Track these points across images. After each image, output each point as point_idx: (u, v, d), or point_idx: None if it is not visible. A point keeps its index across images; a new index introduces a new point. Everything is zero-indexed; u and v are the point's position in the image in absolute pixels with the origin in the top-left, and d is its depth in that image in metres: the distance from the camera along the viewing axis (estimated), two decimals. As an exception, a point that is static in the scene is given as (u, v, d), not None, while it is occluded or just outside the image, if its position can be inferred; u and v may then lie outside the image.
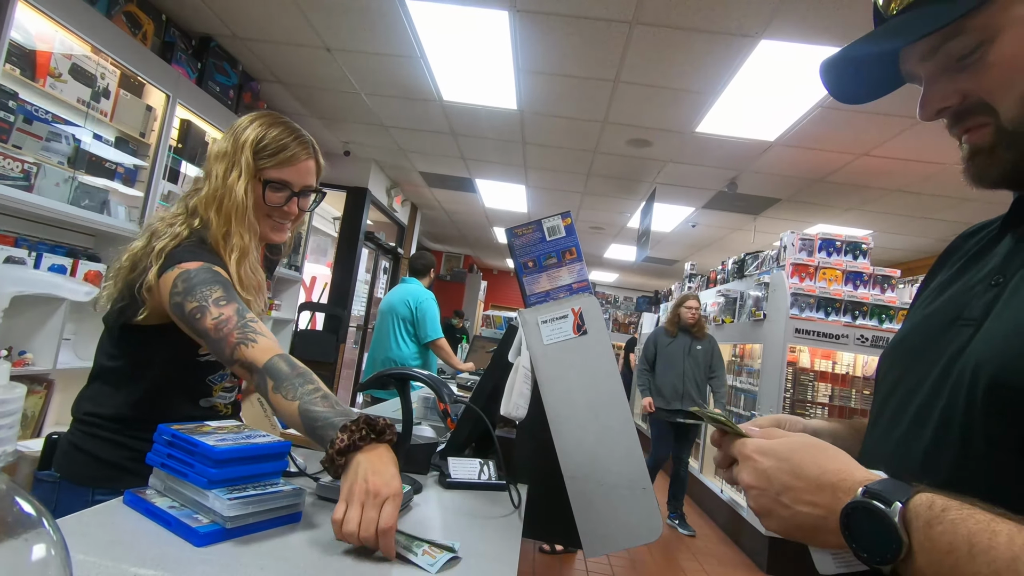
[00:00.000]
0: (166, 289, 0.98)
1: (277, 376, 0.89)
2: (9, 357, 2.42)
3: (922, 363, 0.53)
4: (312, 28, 3.17)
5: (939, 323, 0.54)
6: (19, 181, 2.28)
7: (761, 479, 0.51)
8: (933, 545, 0.40)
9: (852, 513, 0.44)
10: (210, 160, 1.12)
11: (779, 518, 0.50)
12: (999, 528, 0.38)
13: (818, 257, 3.96)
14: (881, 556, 0.42)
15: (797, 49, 2.73)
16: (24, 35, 2.27)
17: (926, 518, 0.41)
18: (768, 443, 0.52)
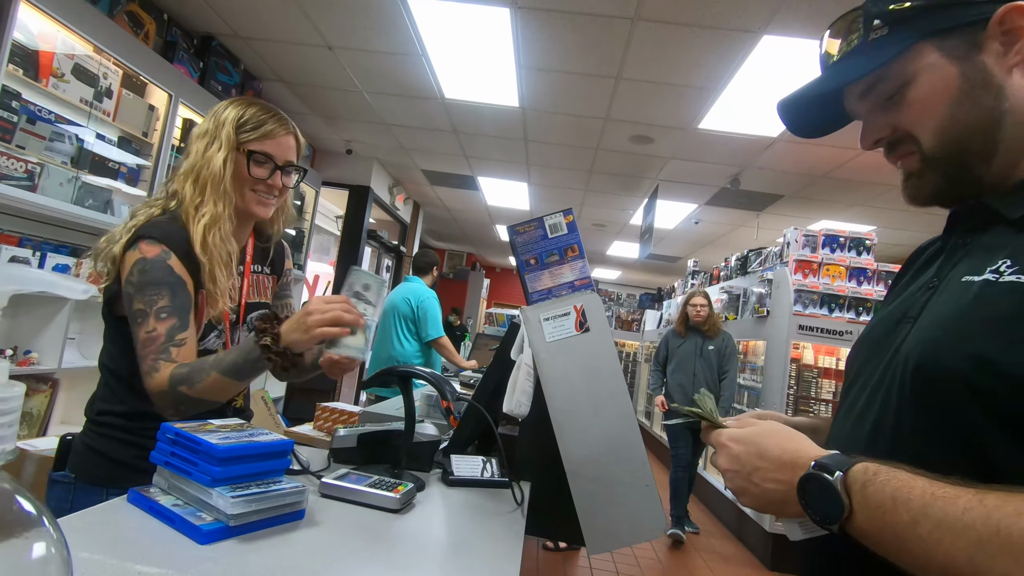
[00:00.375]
0: (124, 271, 1.03)
1: (184, 380, 0.98)
2: (15, 356, 2.43)
3: (876, 356, 0.61)
4: (313, 26, 3.17)
5: (891, 321, 0.62)
6: (23, 181, 2.29)
7: (734, 463, 0.60)
8: (867, 503, 0.48)
9: (805, 483, 0.52)
10: (191, 141, 1.16)
11: (752, 495, 0.58)
12: (915, 484, 0.47)
13: (822, 253, 3.94)
14: (829, 517, 0.50)
15: (800, 44, 2.72)
16: (27, 35, 2.28)
17: (862, 482, 0.49)
18: (739, 431, 0.62)
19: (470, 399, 1.31)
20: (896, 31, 0.58)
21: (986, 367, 0.48)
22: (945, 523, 0.44)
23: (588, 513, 1.10)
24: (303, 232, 4.90)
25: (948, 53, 0.57)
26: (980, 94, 0.56)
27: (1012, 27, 0.55)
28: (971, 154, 0.57)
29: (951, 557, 0.43)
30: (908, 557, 0.47)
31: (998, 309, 0.50)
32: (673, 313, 7.24)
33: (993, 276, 0.52)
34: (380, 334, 3.72)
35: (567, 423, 1.13)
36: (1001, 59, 0.56)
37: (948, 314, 0.54)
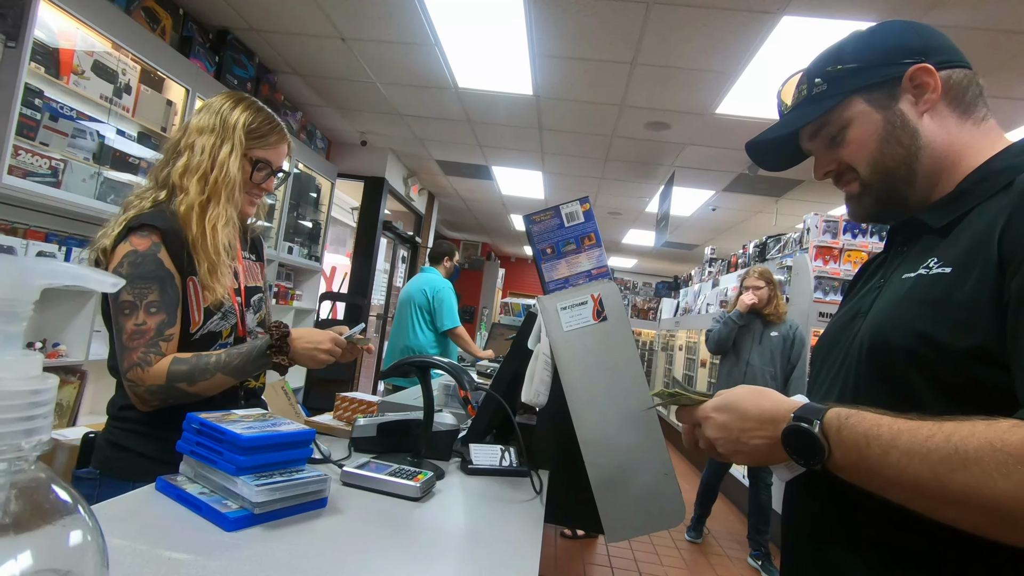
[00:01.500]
0: (113, 262, 1.05)
1: (184, 378, 1.04)
2: (44, 349, 2.50)
3: (837, 346, 0.75)
4: (327, 18, 3.17)
5: (847, 319, 0.76)
6: (47, 178, 2.33)
7: (721, 431, 0.69)
8: (843, 443, 0.58)
9: (789, 435, 0.62)
10: (191, 133, 1.16)
11: (743, 453, 0.68)
12: (882, 421, 0.56)
13: (843, 239, 3.87)
14: (812, 459, 0.60)
15: (820, 24, 2.65)
16: (47, 33, 2.31)
17: (836, 426, 0.59)
18: (717, 401, 0.71)
19: (488, 388, 1.31)
20: (833, 87, 0.74)
21: (921, 339, 0.60)
22: (912, 450, 0.53)
23: (606, 501, 1.10)
24: (319, 224, 4.94)
25: (873, 103, 0.72)
26: (900, 134, 0.71)
27: (920, 82, 0.70)
28: (897, 180, 0.72)
29: (919, 476, 0.52)
30: (881, 482, 0.56)
31: (930, 294, 0.62)
32: (691, 301, 7.18)
33: (925, 270, 0.65)
34: (396, 324, 3.74)
35: (585, 412, 1.13)
36: (914, 107, 0.71)
37: (891, 303, 0.68)
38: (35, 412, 0.26)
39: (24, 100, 2.18)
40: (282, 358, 1.10)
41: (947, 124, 0.71)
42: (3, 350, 0.27)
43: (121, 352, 1.04)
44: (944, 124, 0.71)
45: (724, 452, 0.69)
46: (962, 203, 0.67)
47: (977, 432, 0.51)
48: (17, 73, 2.12)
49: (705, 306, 6.31)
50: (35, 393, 0.27)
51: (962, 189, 0.69)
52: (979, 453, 0.49)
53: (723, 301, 5.47)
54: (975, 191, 0.67)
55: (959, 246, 0.63)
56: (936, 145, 0.70)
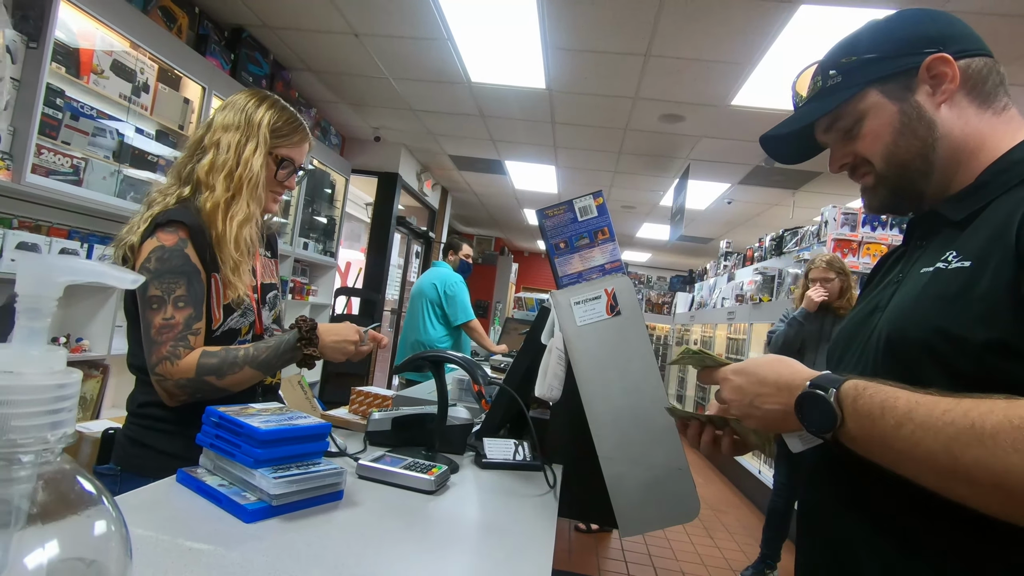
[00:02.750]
0: (140, 257, 1.06)
1: (213, 371, 1.04)
2: (67, 344, 2.56)
3: (855, 341, 0.75)
4: (340, 14, 3.18)
5: (865, 314, 0.76)
6: (69, 176, 2.38)
7: (737, 392, 0.70)
8: (857, 412, 0.57)
9: (803, 401, 0.62)
10: (215, 131, 1.17)
11: (756, 417, 0.68)
12: (900, 395, 0.56)
13: (862, 232, 3.81)
14: (824, 427, 0.59)
15: (839, 13, 2.60)
16: (68, 34, 2.35)
17: (852, 396, 0.58)
18: (738, 364, 0.73)
19: (501, 383, 1.32)
20: (847, 79, 0.73)
21: (940, 333, 0.60)
22: (927, 423, 0.52)
23: (620, 496, 1.10)
24: (334, 220, 4.98)
25: (888, 95, 0.71)
26: (916, 126, 0.70)
27: (937, 72, 0.69)
28: (914, 172, 0.71)
29: (931, 450, 0.52)
30: (892, 454, 0.56)
31: (948, 288, 0.61)
32: (706, 295, 7.12)
33: (943, 264, 0.64)
34: (410, 319, 3.76)
35: (599, 406, 1.13)
36: (930, 98, 0.70)
37: (909, 298, 0.67)
38: (60, 406, 0.27)
39: (46, 100, 2.22)
40: (312, 350, 1.12)
41: (966, 115, 0.69)
42: (28, 345, 0.27)
43: (149, 347, 1.05)
44: (963, 115, 0.69)
45: (737, 414, 0.71)
46: (981, 195, 0.66)
47: (996, 409, 0.50)
48: (39, 73, 2.16)
49: (720, 300, 6.25)
50: (60, 387, 0.27)
51: (982, 181, 0.67)
52: (996, 429, 0.49)
53: (739, 295, 5.41)
54: (995, 183, 0.66)
55: (978, 239, 0.62)
56: (954, 136, 0.69)
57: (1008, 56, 2.77)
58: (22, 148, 2.16)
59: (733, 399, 0.70)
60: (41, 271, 0.27)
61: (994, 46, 0.72)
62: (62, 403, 0.27)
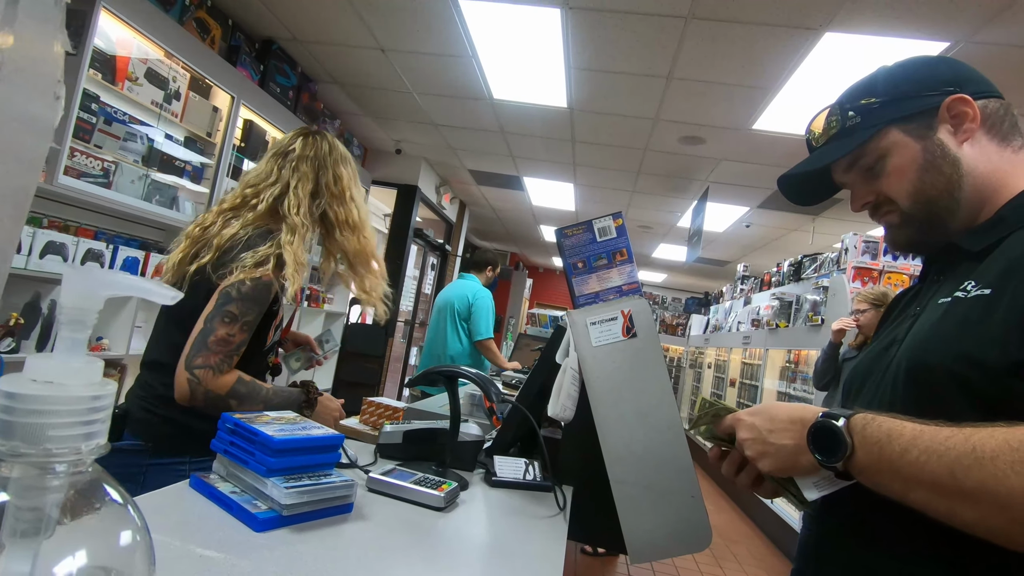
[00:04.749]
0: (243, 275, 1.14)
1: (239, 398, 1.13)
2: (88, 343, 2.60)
3: (872, 375, 0.75)
4: (368, 30, 3.25)
5: (882, 348, 0.76)
6: (99, 178, 2.44)
7: (751, 431, 0.70)
8: (866, 440, 0.59)
9: (815, 431, 0.63)
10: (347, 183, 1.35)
11: (770, 456, 0.68)
12: (906, 424, 0.57)
13: (883, 260, 3.75)
14: (834, 456, 0.60)
15: (864, 41, 2.59)
16: (106, 42, 2.43)
17: (861, 425, 0.60)
18: (753, 408, 0.73)
19: (514, 401, 1.31)
20: (867, 119, 0.74)
21: (961, 359, 0.60)
22: (931, 448, 0.54)
23: (631, 521, 1.08)
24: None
25: (910, 133, 0.72)
26: (941, 164, 0.71)
27: (957, 112, 0.71)
28: (940, 209, 0.72)
29: (936, 474, 0.53)
30: (899, 481, 0.57)
31: (969, 315, 0.62)
32: (721, 318, 7.05)
33: (962, 294, 0.65)
34: (434, 331, 3.64)
35: (612, 429, 1.12)
36: (952, 136, 0.71)
37: (928, 327, 0.67)
38: (95, 417, 0.28)
39: (81, 104, 2.30)
40: (309, 412, 1.29)
41: (987, 152, 0.71)
42: (70, 356, 0.28)
43: (200, 349, 1.10)
44: (984, 152, 0.71)
45: (752, 454, 0.70)
46: (1000, 229, 0.67)
47: (996, 434, 0.52)
48: (77, 79, 2.24)
49: (736, 324, 6.18)
50: (96, 399, 0.28)
51: (1001, 215, 0.69)
52: (996, 452, 0.50)
53: (755, 320, 5.35)
54: (1012, 217, 0.67)
55: (996, 268, 0.63)
56: (979, 173, 0.70)
57: (1037, 89, 2.73)
58: (56, 150, 2.22)
59: (747, 438, 0.71)
60: (87, 285, 0.28)
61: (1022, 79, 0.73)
62: (97, 415, 0.28)
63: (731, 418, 0.75)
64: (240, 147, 3.39)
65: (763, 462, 0.69)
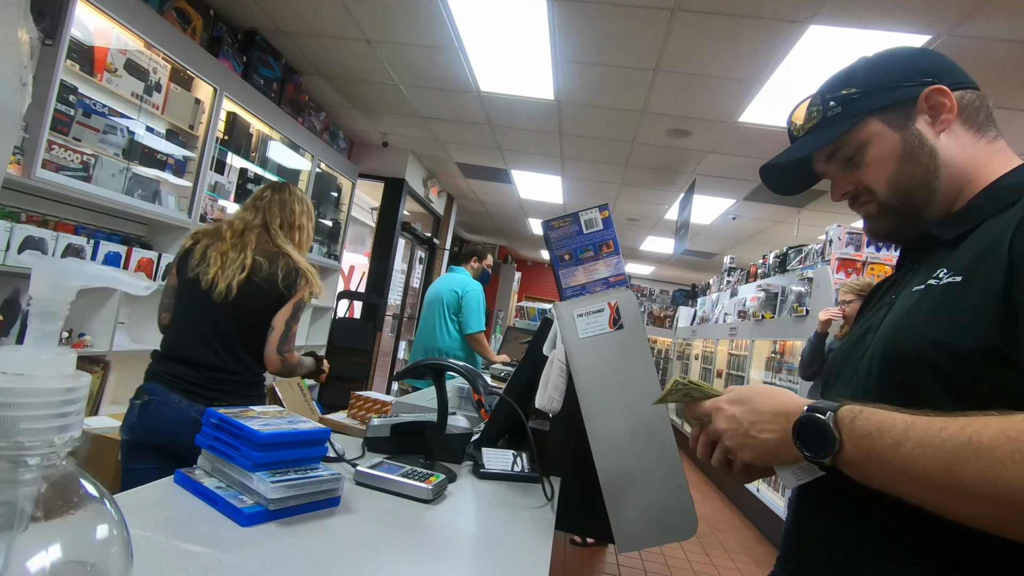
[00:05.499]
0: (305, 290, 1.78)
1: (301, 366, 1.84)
2: (69, 339, 2.56)
3: (849, 362, 0.76)
4: (353, 20, 3.21)
5: (858, 336, 0.77)
6: (79, 172, 2.40)
7: (732, 422, 0.68)
8: (855, 434, 0.57)
9: (801, 425, 0.61)
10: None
11: (750, 447, 0.67)
12: (896, 416, 0.56)
13: (866, 252, 3.80)
14: (822, 451, 0.59)
15: (848, 34, 2.61)
16: (83, 32, 2.37)
17: (849, 418, 0.58)
18: (731, 394, 0.71)
19: (502, 393, 1.32)
20: (847, 109, 0.75)
21: (935, 345, 0.61)
22: (924, 440, 0.53)
23: (618, 511, 1.10)
24: (339, 223, 5.00)
25: (890, 124, 0.73)
26: (919, 154, 0.72)
27: (935, 103, 0.72)
28: (917, 199, 0.73)
29: (930, 467, 0.52)
30: (891, 475, 0.56)
31: (941, 301, 0.63)
32: (708, 310, 7.11)
33: (935, 281, 0.65)
34: (423, 325, 3.60)
35: (599, 420, 1.12)
36: (930, 127, 0.72)
37: (902, 314, 0.68)
38: (68, 409, 0.27)
39: (59, 96, 2.24)
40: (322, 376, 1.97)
41: (963, 143, 0.72)
42: (40, 348, 0.28)
43: (285, 340, 1.72)
44: (960, 143, 0.72)
45: (731, 445, 0.69)
46: (972, 217, 0.69)
47: (991, 423, 0.51)
48: (53, 70, 2.18)
49: (723, 316, 6.24)
50: (69, 391, 0.27)
51: (973, 204, 0.70)
52: (993, 443, 0.49)
53: (741, 311, 5.40)
54: (985, 206, 0.68)
55: (968, 256, 0.64)
56: (955, 164, 0.71)
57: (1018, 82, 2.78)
58: (33, 143, 2.18)
59: (727, 429, 0.68)
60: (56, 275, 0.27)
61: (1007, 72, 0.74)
62: (70, 407, 0.27)
63: (710, 405, 0.72)
64: (224, 140, 3.34)
65: (743, 453, 0.68)
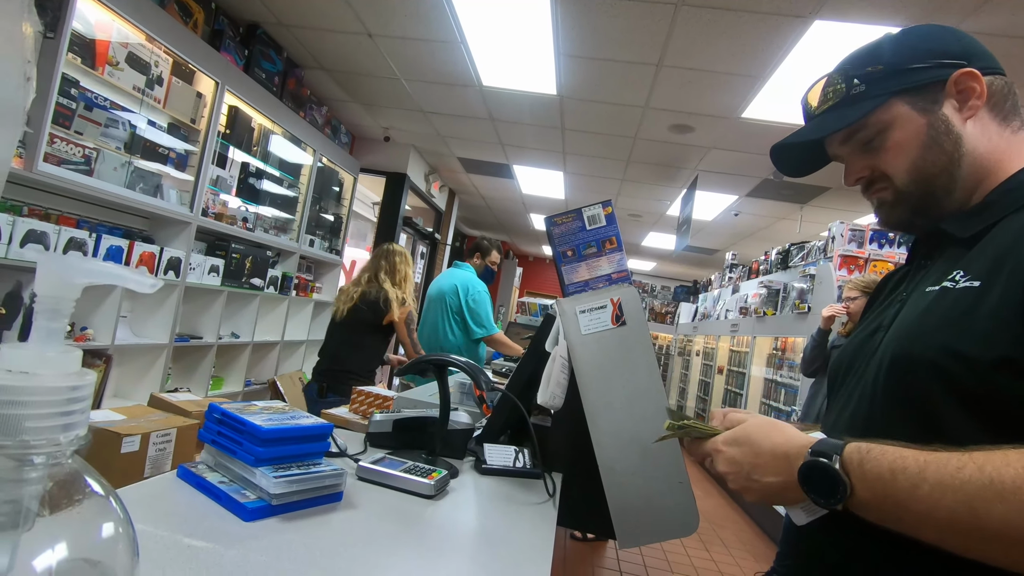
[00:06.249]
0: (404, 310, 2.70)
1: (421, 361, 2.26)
2: (72, 332, 2.56)
3: (857, 362, 0.73)
4: (355, 14, 3.19)
5: (867, 334, 0.74)
6: (80, 166, 2.39)
7: (733, 466, 0.65)
8: (865, 477, 0.55)
9: (807, 472, 0.58)
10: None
11: (754, 491, 0.64)
12: (907, 454, 0.53)
13: (869, 249, 3.79)
14: (833, 498, 0.56)
15: (853, 29, 2.60)
16: (84, 25, 2.37)
17: (857, 461, 0.55)
18: (730, 434, 0.67)
19: (504, 389, 1.32)
20: (872, 88, 0.70)
21: (946, 352, 0.58)
22: (943, 482, 0.50)
23: (620, 507, 1.10)
24: (341, 218, 4.99)
25: (915, 107, 0.69)
26: (944, 140, 0.68)
27: (964, 87, 0.68)
28: (937, 188, 0.69)
29: (952, 510, 0.49)
30: (909, 518, 0.53)
31: (956, 307, 0.60)
32: (710, 306, 7.11)
33: (950, 284, 0.62)
34: (428, 324, 3.45)
35: (601, 416, 1.12)
36: (957, 113, 0.68)
37: (914, 316, 0.65)
38: (73, 408, 0.27)
39: (60, 89, 2.24)
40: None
41: (988, 131, 0.68)
42: (46, 346, 0.27)
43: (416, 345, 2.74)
44: (986, 131, 0.68)
45: (735, 488, 0.66)
46: (989, 214, 0.65)
47: (1011, 461, 0.48)
48: (55, 63, 2.18)
49: (724, 312, 6.23)
50: (74, 389, 0.27)
51: (990, 200, 0.67)
52: (1016, 483, 0.47)
53: (743, 308, 5.40)
54: (1003, 202, 0.65)
55: (986, 258, 0.61)
56: (978, 153, 0.68)
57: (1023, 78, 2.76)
58: (35, 136, 2.17)
59: (729, 472, 0.66)
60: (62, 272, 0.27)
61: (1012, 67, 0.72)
62: (75, 405, 0.27)
63: (710, 446, 0.69)
64: (225, 134, 3.33)
65: (748, 495, 0.65)
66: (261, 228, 3.84)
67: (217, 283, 3.36)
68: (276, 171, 3.93)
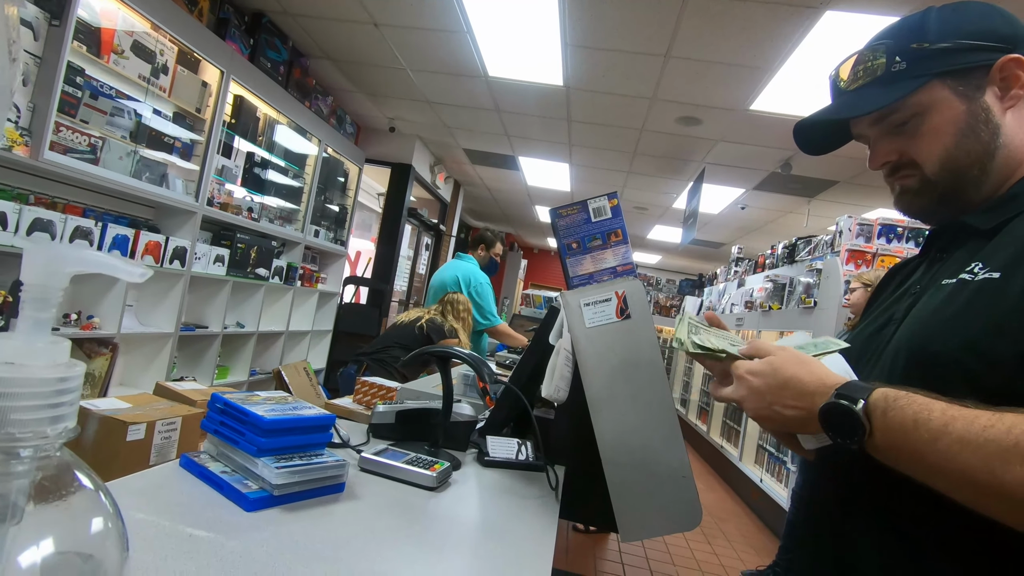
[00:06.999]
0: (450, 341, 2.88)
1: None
2: (78, 321, 2.58)
3: (865, 357, 0.70)
4: (361, 3, 3.17)
5: (875, 328, 0.72)
6: (86, 154, 2.39)
7: (754, 393, 0.64)
8: (887, 425, 0.54)
9: (827, 411, 0.57)
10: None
11: (772, 420, 0.64)
12: (934, 406, 0.52)
13: (877, 244, 3.75)
14: (850, 439, 0.56)
15: (865, 20, 2.56)
16: (90, 13, 2.36)
17: (882, 407, 0.55)
18: (757, 365, 0.65)
19: (507, 381, 1.31)
20: (914, 67, 0.66)
21: (966, 347, 0.56)
22: (966, 438, 0.49)
23: (622, 501, 1.09)
24: (346, 208, 4.99)
25: (957, 92, 0.65)
26: (982, 129, 0.65)
27: (1009, 75, 0.64)
28: (967, 180, 0.66)
29: (969, 466, 0.49)
30: (923, 468, 0.53)
31: (976, 300, 0.58)
32: (715, 300, 7.08)
33: (969, 276, 0.60)
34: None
35: (604, 410, 1.12)
36: (999, 102, 0.65)
37: (931, 310, 0.63)
38: (61, 399, 0.27)
39: (66, 78, 2.24)
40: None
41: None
42: (33, 336, 0.27)
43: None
44: (1022, 123, 0.65)
45: (752, 416, 0.65)
46: (1012, 207, 0.63)
47: None
48: (60, 51, 2.18)
49: (730, 306, 6.20)
50: (62, 380, 0.27)
51: (1015, 193, 0.65)
52: None
53: (748, 302, 5.37)
54: None
55: (1006, 251, 0.59)
56: (1014, 145, 0.65)
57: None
58: (41, 125, 2.17)
59: (747, 397, 0.65)
60: (49, 261, 0.27)
61: None
62: (63, 397, 0.27)
63: (735, 371, 0.68)
64: (231, 124, 3.33)
65: (764, 424, 0.65)
66: (266, 218, 3.84)
67: (222, 273, 3.36)
68: (281, 161, 3.92)
